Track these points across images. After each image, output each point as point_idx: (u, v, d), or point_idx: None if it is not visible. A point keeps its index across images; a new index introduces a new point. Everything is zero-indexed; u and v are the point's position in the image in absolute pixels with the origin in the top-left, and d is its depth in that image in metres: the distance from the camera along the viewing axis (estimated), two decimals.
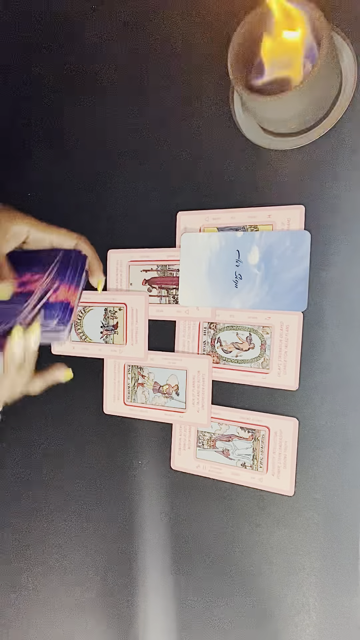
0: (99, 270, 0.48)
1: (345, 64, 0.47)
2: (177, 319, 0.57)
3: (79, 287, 0.46)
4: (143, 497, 0.60)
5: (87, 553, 0.65)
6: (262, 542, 0.54)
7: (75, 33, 0.60)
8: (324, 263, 0.50)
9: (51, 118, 0.63)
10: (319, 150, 0.49)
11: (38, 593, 0.69)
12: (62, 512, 0.66)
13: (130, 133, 0.58)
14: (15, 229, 0.43)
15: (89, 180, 0.61)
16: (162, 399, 0.58)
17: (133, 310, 0.59)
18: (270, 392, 0.53)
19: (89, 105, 0.60)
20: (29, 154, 0.64)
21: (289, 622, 0.53)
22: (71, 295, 0.45)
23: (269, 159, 0.51)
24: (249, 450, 0.54)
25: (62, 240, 0.46)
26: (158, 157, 0.57)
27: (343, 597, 0.51)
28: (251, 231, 0.53)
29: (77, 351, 0.63)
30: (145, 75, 0.57)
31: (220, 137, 0.53)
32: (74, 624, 0.67)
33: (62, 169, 0.62)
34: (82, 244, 0.46)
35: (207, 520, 0.57)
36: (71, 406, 0.64)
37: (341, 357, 0.50)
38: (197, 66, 0.54)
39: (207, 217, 0.55)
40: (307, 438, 0.51)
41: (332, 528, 0.51)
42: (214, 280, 0.54)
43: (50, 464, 0.66)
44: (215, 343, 0.56)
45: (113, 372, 0.61)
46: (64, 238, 0.46)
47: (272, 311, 0.52)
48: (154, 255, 0.58)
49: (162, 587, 0.60)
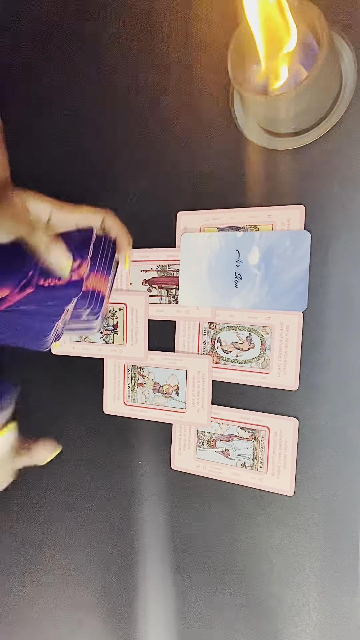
0: (127, 246, 0.46)
1: (345, 64, 0.47)
2: (177, 319, 0.57)
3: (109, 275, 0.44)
4: (143, 497, 0.60)
5: (87, 553, 0.65)
6: (262, 542, 0.54)
7: (75, 34, 0.60)
8: (324, 263, 0.50)
9: (51, 118, 0.63)
10: (319, 150, 0.49)
11: (38, 593, 0.69)
12: (61, 511, 0.66)
13: (130, 133, 0.58)
14: (35, 207, 0.41)
15: (89, 180, 0.61)
16: (162, 399, 0.58)
17: (133, 310, 0.59)
18: (270, 392, 0.53)
19: (90, 105, 0.60)
20: (30, 152, 0.64)
21: (289, 622, 0.53)
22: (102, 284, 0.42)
23: (269, 159, 0.51)
24: (249, 450, 0.54)
25: (88, 219, 0.43)
26: (158, 157, 0.57)
27: (343, 597, 0.51)
28: (251, 231, 0.53)
29: (77, 351, 0.63)
30: (145, 75, 0.57)
31: (220, 137, 0.53)
32: (74, 624, 0.67)
33: (62, 169, 0.62)
34: (108, 219, 0.44)
35: (207, 520, 0.57)
36: (71, 406, 0.64)
37: (341, 357, 0.50)
38: (197, 66, 0.54)
39: (207, 217, 0.55)
40: (307, 438, 0.51)
41: (332, 528, 0.51)
42: (214, 280, 0.54)
43: (50, 464, 0.66)
44: (215, 343, 0.56)
45: (113, 372, 0.61)
46: (89, 216, 0.43)
47: (272, 311, 0.52)
48: (154, 255, 0.58)
49: (162, 587, 0.60)
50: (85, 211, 0.43)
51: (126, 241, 0.46)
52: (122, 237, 0.46)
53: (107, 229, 0.47)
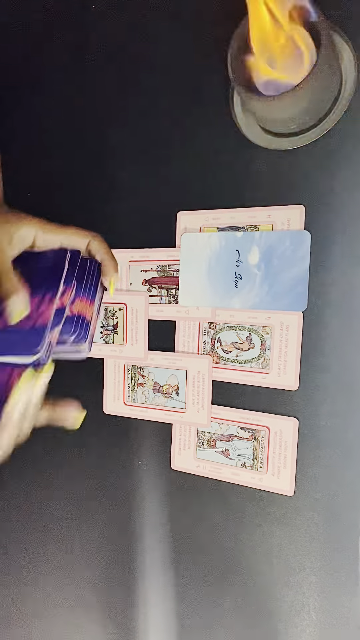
0: (112, 270, 0.45)
1: (345, 64, 0.47)
2: (177, 319, 0.57)
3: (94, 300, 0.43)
4: (143, 497, 0.60)
5: (87, 553, 0.65)
6: (262, 542, 0.54)
7: (74, 32, 0.60)
8: (324, 263, 0.50)
9: (51, 118, 0.63)
10: (319, 150, 0.49)
11: (38, 593, 0.69)
12: (62, 511, 0.66)
13: (130, 133, 0.58)
14: (21, 232, 0.40)
15: (88, 180, 0.61)
16: (162, 399, 0.58)
17: (133, 310, 0.59)
18: (270, 392, 0.53)
19: (90, 105, 0.60)
20: (30, 153, 0.64)
21: (289, 622, 0.53)
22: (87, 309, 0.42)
23: (269, 159, 0.51)
24: (249, 450, 0.54)
25: (73, 240, 0.42)
26: (158, 157, 0.57)
27: (343, 597, 0.51)
28: (251, 231, 0.53)
29: None
30: (145, 75, 0.57)
31: (220, 137, 0.53)
32: (74, 624, 0.67)
33: (61, 169, 0.62)
34: (95, 243, 0.43)
35: (207, 520, 0.57)
36: None
37: (341, 357, 0.50)
38: (197, 66, 0.54)
39: (207, 217, 0.55)
40: (307, 438, 0.51)
41: (332, 528, 0.51)
42: (214, 280, 0.54)
43: (50, 464, 0.66)
44: (215, 343, 0.56)
45: (113, 372, 0.61)
46: (75, 238, 0.42)
47: (272, 311, 0.52)
48: (154, 255, 0.58)
49: (162, 586, 0.60)
50: (71, 233, 0.42)
51: (112, 266, 0.45)
52: (108, 262, 0.44)
53: (93, 252, 0.46)
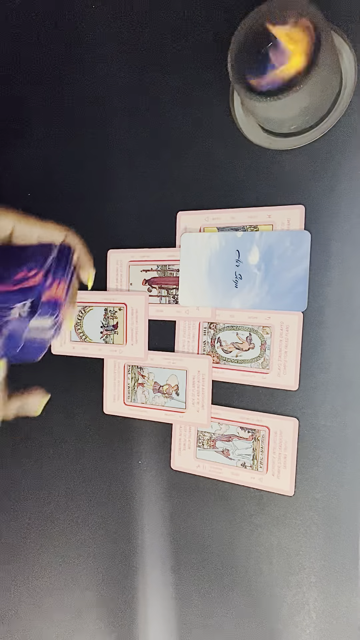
0: (88, 264, 0.46)
1: (345, 64, 0.47)
2: (177, 319, 0.57)
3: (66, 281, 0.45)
4: (143, 497, 0.60)
5: (86, 553, 0.65)
6: (262, 542, 0.54)
7: (74, 33, 0.60)
8: (324, 263, 0.50)
9: (51, 118, 0.63)
10: (319, 150, 0.49)
11: (38, 593, 0.69)
12: (62, 511, 0.66)
13: (130, 133, 0.58)
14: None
15: (88, 180, 0.61)
16: (162, 399, 0.58)
17: (133, 310, 0.59)
18: (270, 392, 0.53)
19: (90, 105, 0.60)
20: (30, 153, 0.64)
21: (289, 622, 0.53)
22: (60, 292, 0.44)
23: (269, 159, 0.51)
24: (249, 450, 0.54)
25: (50, 234, 0.44)
26: (158, 157, 0.57)
27: (343, 597, 0.51)
28: (251, 231, 0.53)
29: (77, 351, 0.63)
30: (145, 75, 0.57)
31: (220, 137, 0.53)
32: (74, 624, 0.67)
33: (61, 169, 0.62)
34: (70, 236, 0.45)
35: (207, 520, 0.57)
36: (71, 406, 0.64)
37: (341, 357, 0.50)
38: (197, 66, 0.54)
39: (207, 217, 0.55)
40: (307, 438, 0.51)
41: (332, 528, 0.51)
42: (214, 280, 0.55)
43: (50, 464, 0.66)
44: (215, 343, 0.56)
45: (113, 372, 0.61)
46: (51, 232, 0.44)
47: (272, 311, 0.52)
48: (154, 255, 0.58)
49: (162, 587, 0.60)
50: (50, 227, 0.44)
51: (87, 260, 0.47)
52: (84, 256, 0.46)
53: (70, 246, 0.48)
